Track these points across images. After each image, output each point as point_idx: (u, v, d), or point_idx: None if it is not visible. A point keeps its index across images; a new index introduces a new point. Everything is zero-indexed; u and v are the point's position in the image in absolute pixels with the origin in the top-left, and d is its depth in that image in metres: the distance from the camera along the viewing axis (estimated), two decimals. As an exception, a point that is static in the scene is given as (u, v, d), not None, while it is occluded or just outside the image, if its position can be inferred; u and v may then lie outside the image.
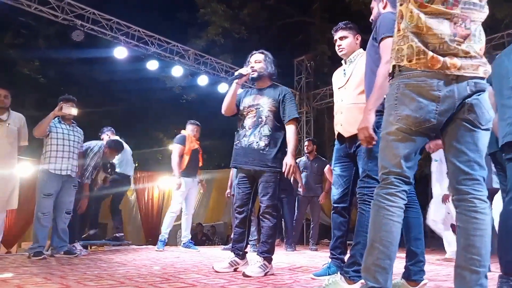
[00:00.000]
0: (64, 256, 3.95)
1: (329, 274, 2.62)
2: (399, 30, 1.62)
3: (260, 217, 3.02)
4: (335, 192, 2.71)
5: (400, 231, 1.60)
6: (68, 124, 4.21)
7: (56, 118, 4.13)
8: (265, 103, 3.04)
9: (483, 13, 1.58)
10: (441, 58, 1.50)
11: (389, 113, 1.62)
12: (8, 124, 3.92)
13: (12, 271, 2.83)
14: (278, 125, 3.02)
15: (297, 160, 6.12)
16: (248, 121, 3.06)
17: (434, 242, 6.09)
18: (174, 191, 5.25)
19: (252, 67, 3.10)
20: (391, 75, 1.65)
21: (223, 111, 3.19)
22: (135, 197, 10.54)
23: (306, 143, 6.46)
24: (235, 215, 3.16)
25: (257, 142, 2.98)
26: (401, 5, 1.61)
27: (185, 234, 5.36)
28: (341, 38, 2.81)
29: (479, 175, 1.56)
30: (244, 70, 3.09)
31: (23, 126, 4.08)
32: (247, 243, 3.18)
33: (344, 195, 2.65)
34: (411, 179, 1.63)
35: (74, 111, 4.12)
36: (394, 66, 1.63)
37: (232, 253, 3.09)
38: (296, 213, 6.09)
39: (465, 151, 1.55)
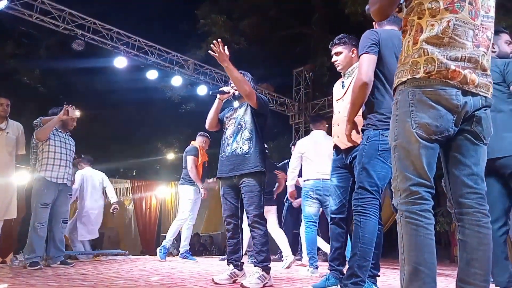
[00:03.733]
0: (60, 266, 3.91)
1: (328, 286, 2.61)
2: (415, 43, 1.55)
3: (250, 227, 3.01)
4: (333, 203, 2.71)
5: None
6: (64, 132, 4.19)
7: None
8: (242, 111, 3.14)
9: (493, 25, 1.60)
10: (462, 71, 1.48)
11: (404, 120, 1.53)
12: (7, 133, 3.92)
13: (8, 282, 2.80)
14: (257, 129, 3.07)
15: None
16: (229, 131, 3.15)
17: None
18: (185, 200, 5.27)
19: (233, 87, 3.20)
20: (403, 84, 1.57)
21: (206, 126, 3.27)
22: (132, 206, 10.50)
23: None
24: (226, 226, 3.16)
25: (240, 148, 3.03)
26: (419, 18, 1.55)
27: (184, 245, 5.33)
28: (336, 54, 2.85)
29: (482, 190, 1.55)
30: (226, 88, 3.22)
31: (21, 134, 4.07)
32: (243, 254, 3.17)
33: (342, 205, 2.65)
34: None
35: (77, 113, 4.17)
36: (406, 80, 1.56)
37: (230, 264, 3.06)
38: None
39: (469, 165, 1.54)
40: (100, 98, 12.28)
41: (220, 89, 3.23)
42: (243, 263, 3.13)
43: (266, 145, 3.97)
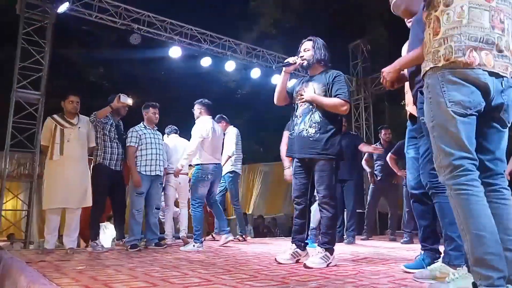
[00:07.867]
0: (155, 248, 4.33)
1: (423, 267, 2.36)
2: (436, 34, 1.65)
3: (319, 207, 2.95)
4: (411, 178, 2.52)
5: None
6: (152, 128, 4.62)
7: (142, 124, 4.59)
8: (315, 89, 2.98)
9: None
10: (477, 57, 1.55)
11: (438, 100, 1.61)
12: (79, 127, 4.20)
13: (86, 263, 3.03)
14: (329, 111, 2.92)
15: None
16: (300, 109, 3.03)
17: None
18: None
19: (301, 56, 3.05)
20: (430, 69, 1.65)
21: (275, 101, 3.19)
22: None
23: (383, 131, 6.12)
24: (294, 206, 3.11)
25: (306, 130, 2.93)
26: (435, 10, 1.66)
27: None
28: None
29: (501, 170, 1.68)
30: (291, 59, 3.06)
31: (91, 128, 4.35)
32: (308, 235, 3.13)
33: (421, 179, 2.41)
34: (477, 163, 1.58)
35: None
36: (430, 68, 1.65)
37: (293, 244, 3.05)
38: (368, 202, 5.99)
39: (492, 150, 1.66)
40: (159, 88, 12.74)
41: (286, 61, 3.09)
42: (306, 243, 3.10)
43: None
